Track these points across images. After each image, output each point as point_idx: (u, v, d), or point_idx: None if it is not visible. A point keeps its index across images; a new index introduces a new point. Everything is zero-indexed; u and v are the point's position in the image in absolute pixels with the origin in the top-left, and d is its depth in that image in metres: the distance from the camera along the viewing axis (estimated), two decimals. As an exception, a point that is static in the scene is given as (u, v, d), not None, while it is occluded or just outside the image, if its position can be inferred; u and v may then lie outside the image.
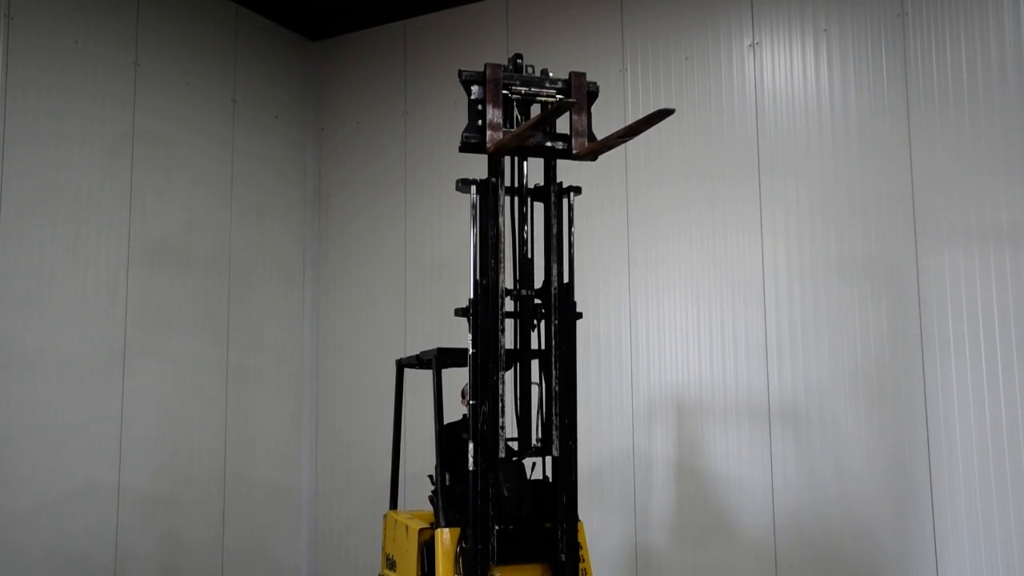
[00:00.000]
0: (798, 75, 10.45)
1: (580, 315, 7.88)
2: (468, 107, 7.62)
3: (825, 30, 10.33)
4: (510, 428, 7.84)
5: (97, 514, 10.43)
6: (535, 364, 8.16)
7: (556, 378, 7.69)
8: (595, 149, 7.53)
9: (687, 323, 10.77)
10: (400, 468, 9.72)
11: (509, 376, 8.13)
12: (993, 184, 9.40)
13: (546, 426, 7.73)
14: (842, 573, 9.73)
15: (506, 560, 7.51)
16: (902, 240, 9.78)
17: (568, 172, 8.11)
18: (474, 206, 7.68)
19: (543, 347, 7.86)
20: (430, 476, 8.56)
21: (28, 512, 9.73)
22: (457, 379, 8.76)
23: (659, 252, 10.99)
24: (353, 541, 12.48)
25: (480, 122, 7.56)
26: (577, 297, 7.86)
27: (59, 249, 10.27)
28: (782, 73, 10.52)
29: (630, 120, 11.08)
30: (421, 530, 8.09)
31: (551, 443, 7.61)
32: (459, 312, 7.77)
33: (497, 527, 7.49)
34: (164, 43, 11.58)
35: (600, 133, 10.75)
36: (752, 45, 10.69)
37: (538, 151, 7.75)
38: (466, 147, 7.62)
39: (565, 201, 7.90)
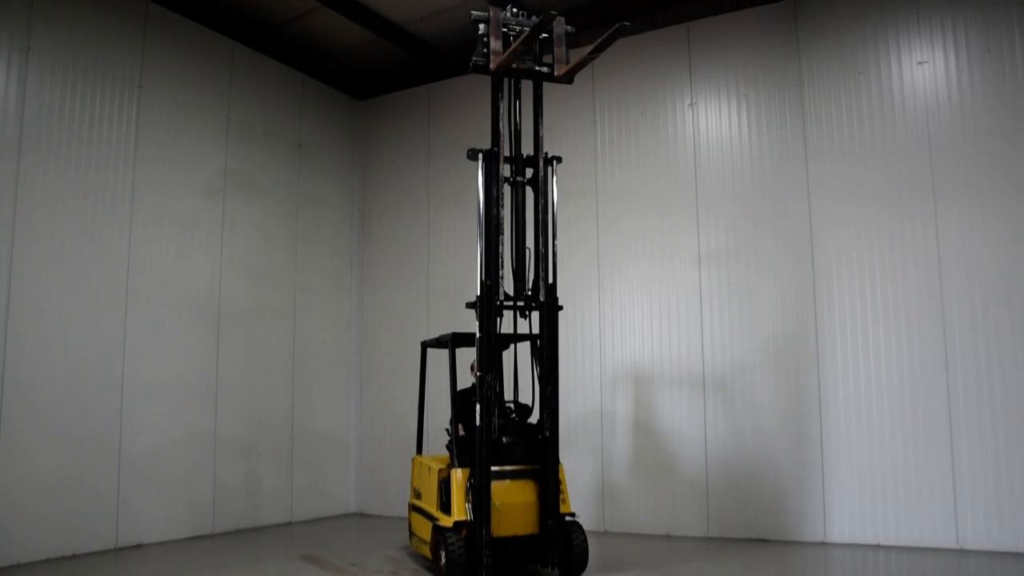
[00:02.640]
0: (724, 128, 10.52)
1: (561, 308, 8.00)
2: (476, 40, 7.88)
3: (744, 94, 10.42)
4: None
5: (199, 454, 10.58)
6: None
7: (543, 355, 7.81)
8: (571, 69, 7.74)
9: (643, 316, 10.81)
10: (424, 423, 9.83)
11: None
12: (872, 216, 9.55)
13: (534, 285, 7.80)
14: (755, 498, 9.84)
15: (504, 477, 7.67)
16: (802, 255, 9.90)
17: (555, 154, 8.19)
18: (479, 179, 7.83)
19: (533, 332, 7.99)
20: (446, 429, 8.72)
21: (149, 452, 9.92)
22: (467, 356, 8.90)
23: (622, 261, 11.02)
24: (389, 477, 12.49)
25: (485, 50, 7.85)
26: (559, 294, 8.00)
27: (171, 257, 10.41)
28: (713, 126, 10.58)
29: (600, 165, 11.20)
30: (440, 470, 8.22)
31: (539, 291, 7.75)
32: (469, 305, 7.91)
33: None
34: (250, 103, 11.68)
35: (573, 179, 10.94)
36: (691, 104, 10.74)
37: (528, 74, 8.01)
38: (475, 68, 7.88)
39: (550, 169, 8.08)
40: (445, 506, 7.90)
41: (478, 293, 7.74)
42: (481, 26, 7.89)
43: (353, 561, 8.80)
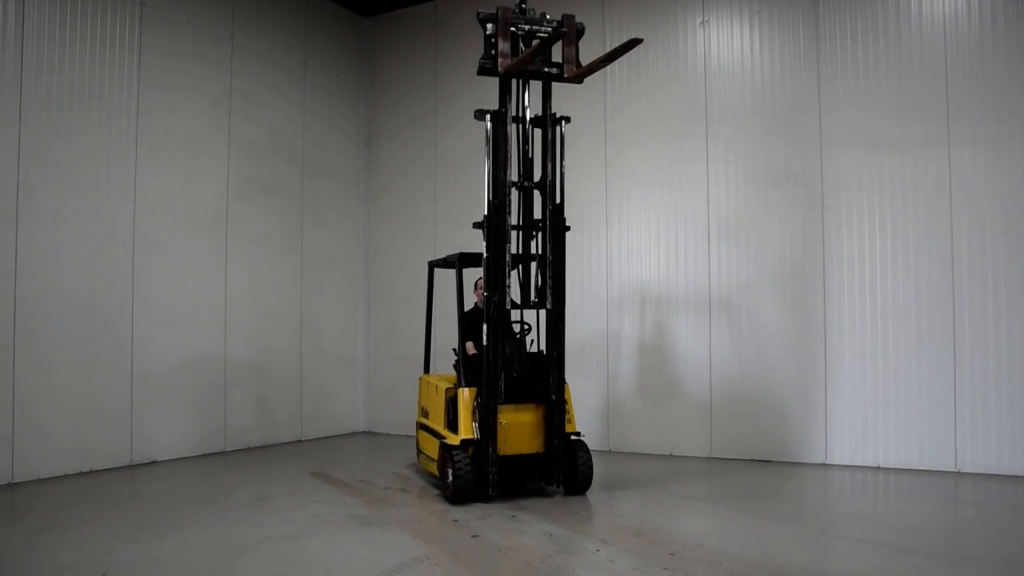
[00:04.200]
0: (736, 47, 10.37)
1: (569, 228, 8.01)
2: (484, 40, 7.66)
3: (758, 12, 10.23)
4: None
5: (210, 375, 10.76)
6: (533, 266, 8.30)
7: (550, 277, 7.86)
8: (581, 73, 7.56)
9: (650, 240, 10.82)
10: (431, 343, 9.94)
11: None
12: (884, 140, 9.44)
13: (541, 290, 7.93)
14: (758, 420, 10.00)
15: (511, 400, 7.78)
16: (812, 179, 9.83)
17: (561, 105, 8.14)
18: (487, 132, 7.74)
19: (540, 253, 8.01)
20: (453, 349, 8.79)
21: (161, 372, 10.10)
22: (474, 276, 8.96)
23: (630, 181, 10.98)
24: (397, 397, 12.66)
25: (493, 52, 7.62)
26: (566, 215, 7.98)
27: (178, 178, 10.41)
28: (725, 45, 10.43)
29: (609, 86, 11.09)
30: (447, 389, 8.34)
31: (545, 297, 7.83)
32: (476, 225, 7.89)
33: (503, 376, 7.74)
34: (254, 22, 11.53)
35: (582, 101, 10.85)
36: (702, 22, 10.58)
37: (537, 75, 7.80)
38: (482, 71, 7.66)
39: (558, 129, 7.96)
40: (452, 425, 8.05)
41: (485, 213, 7.77)
42: (488, 26, 7.66)
43: (362, 478, 9.00)
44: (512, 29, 7.68)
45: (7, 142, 8.64)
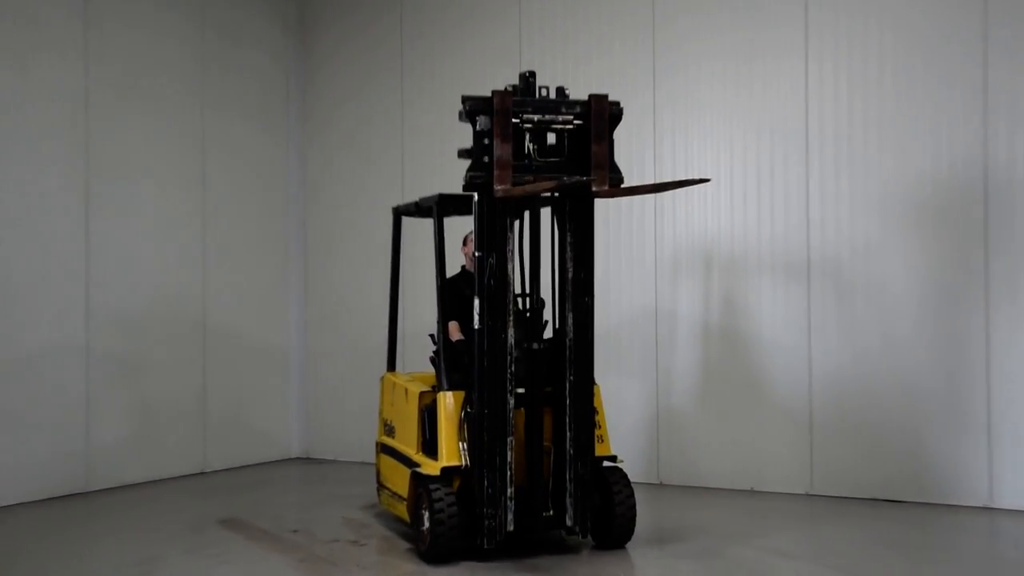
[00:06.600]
0: None
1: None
2: (473, 139, 7.34)
3: None
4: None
5: (64, 375, 10.61)
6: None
7: (569, 226, 7.68)
8: (616, 195, 7.41)
9: (719, 167, 10.65)
10: (398, 327, 9.85)
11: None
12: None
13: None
14: (883, 441, 9.85)
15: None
16: (973, 75, 9.52)
17: None
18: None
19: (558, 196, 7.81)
20: (431, 335, 8.72)
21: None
22: (460, 228, 8.80)
23: (690, 89, 10.86)
24: (347, 406, 12.70)
25: (486, 159, 7.25)
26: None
27: (6, 75, 10.18)
28: None
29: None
30: (422, 393, 8.28)
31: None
32: (463, 153, 7.66)
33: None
34: None
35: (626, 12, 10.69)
36: None
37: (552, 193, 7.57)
38: (470, 187, 7.38)
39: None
40: (430, 446, 7.99)
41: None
42: (480, 119, 7.29)
43: (296, 527, 9.02)
44: (515, 121, 7.31)
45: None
